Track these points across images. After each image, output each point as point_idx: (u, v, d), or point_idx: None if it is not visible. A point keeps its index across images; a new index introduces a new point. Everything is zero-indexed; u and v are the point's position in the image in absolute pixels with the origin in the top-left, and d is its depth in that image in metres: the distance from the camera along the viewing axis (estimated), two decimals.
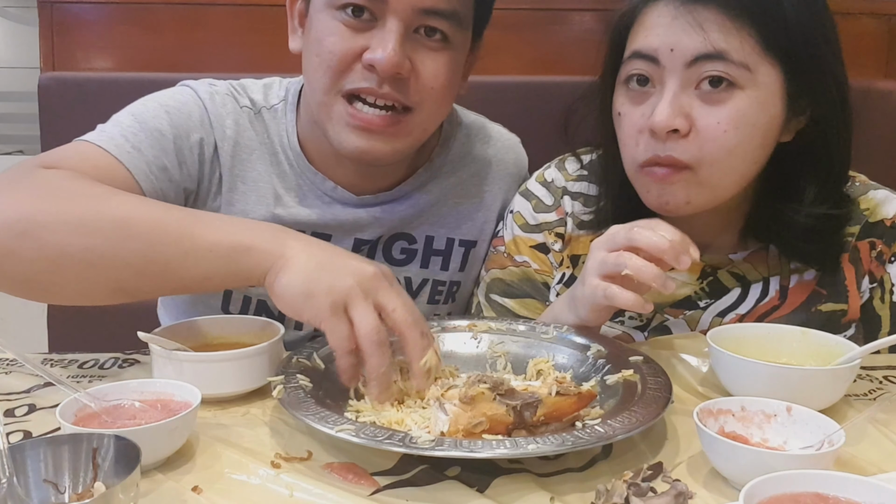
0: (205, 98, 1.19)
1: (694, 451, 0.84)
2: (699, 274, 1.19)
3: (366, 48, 1.06)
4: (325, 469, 0.79)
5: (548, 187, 1.28)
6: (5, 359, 1.06)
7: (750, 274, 1.19)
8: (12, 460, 0.68)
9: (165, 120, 1.14)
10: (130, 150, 1.09)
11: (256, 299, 1.23)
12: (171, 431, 0.79)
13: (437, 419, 0.82)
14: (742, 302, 1.18)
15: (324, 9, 1.08)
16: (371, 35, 1.06)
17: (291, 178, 1.21)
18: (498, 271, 1.29)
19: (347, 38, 1.07)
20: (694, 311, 1.19)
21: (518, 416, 0.82)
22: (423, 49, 1.09)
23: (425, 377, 0.89)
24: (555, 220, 1.26)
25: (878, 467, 0.81)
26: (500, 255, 1.29)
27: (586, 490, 0.76)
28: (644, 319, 1.20)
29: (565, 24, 2.02)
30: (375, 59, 1.05)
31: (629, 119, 1.10)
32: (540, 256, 1.27)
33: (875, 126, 1.13)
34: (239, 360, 0.94)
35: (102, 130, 1.12)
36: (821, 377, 0.93)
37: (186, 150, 1.15)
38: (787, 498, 0.65)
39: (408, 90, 1.09)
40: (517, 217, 1.28)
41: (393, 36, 1.05)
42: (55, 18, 1.99)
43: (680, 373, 1.04)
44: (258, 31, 2.01)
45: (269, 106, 1.23)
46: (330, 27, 1.08)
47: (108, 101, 1.18)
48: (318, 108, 1.12)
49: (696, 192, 1.08)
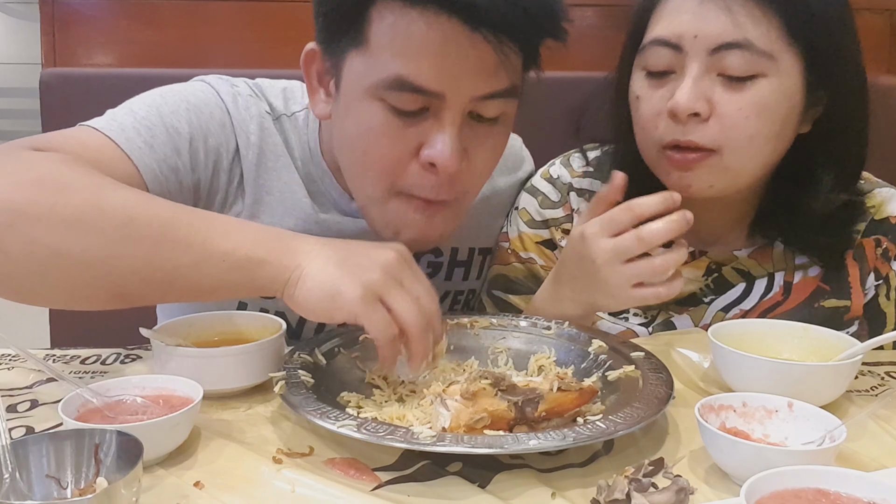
0: (227, 100, 1.10)
1: (695, 446, 0.84)
2: (704, 271, 1.19)
3: (421, 142, 0.96)
4: (326, 464, 0.79)
5: (553, 184, 1.28)
6: (7, 354, 1.06)
7: (755, 270, 1.19)
8: (15, 456, 0.68)
9: (184, 117, 1.06)
10: (142, 145, 1.00)
11: (275, 311, 1.20)
12: (173, 427, 0.79)
13: (438, 415, 0.82)
14: (746, 297, 1.18)
15: (364, 97, 0.96)
16: (426, 128, 0.96)
17: (315, 193, 1.15)
18: (501, 267, 1.28)
19: (400, 135, 0.96)
20: (698, 307, 1.19)
21: (519, 411, 0.82)
22: (477, 134, 0.99)
23: (434, 361, 0.89)
24: (562, 216, 1.26)
25: (879, 463, 0.81)
26: (503, 251, 1.29)
27: (588, 486, 0.76)
28: (648, 316, 1.20)
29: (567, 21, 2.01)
30: (436, 159, 0.95)
31: (648, 102, 1.09)
32: (546, 253, 1.26)
33: (877, 122, 1.12)
34: (241, 356, 0.94)
35: (113, 118, 1.03)
36: (822, 373, 0.93)
37: (201, 154, 1.07)
38: (788, 494, 0.65)
39: (461, 180, 1.01)
40: (523, 213, 1.28)
41: (451, 130, 0.95)
42: (56, 14, 1.99)
43: (681, 368, 1.04)
44: (261, 26, 2.00)
45: (289, 114, 1.14)
46: (379, 122, 0.96)
47: (110, 97, 1.17)
48: (369, 206, 1.05)
49: (719, 177, 1.07)
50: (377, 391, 0.95)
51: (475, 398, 0.81)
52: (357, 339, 1.03)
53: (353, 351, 1.01)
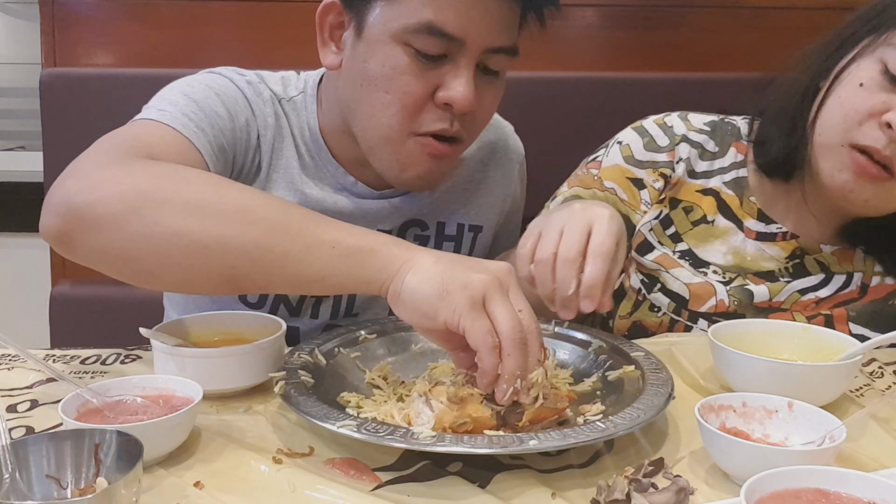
0: (242, 86, 1.17)
1: (695, 446, 0.84)
2: (789, 254, 1.21)
3: (438, 85, 1.05)
4: (326, 465, 0.79)
5: (665, 130, 1.30)
6: (7, 354, 1.06)
7: (834, 266, 1.21)
8: (15, 456, 0.68)
9: (217, 101, 1.11)
10: (196, 129, 1.05)
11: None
12: (173, 427, 0.79)
13: (421, 414, 0.82)
14: (824, 286, 1.20)
15: (389, 41, 1.05)
16: (444, 72, 1.05)
17: (313, 169, 1.20)
18: (581, 189, 1.29)
19: (421, 76, 1.05)
20: (776, 283, 1.21)
21: (502, 419, 0.83)
22: (484, 84, 1.08)
23: (527, 392, 0.82)
24: (664, 160, 1.28)
25: (879, 463, 0.82)
26: (589, 176, 1.30)
27: (588, 486, 0.76)
28: (727, 277, 1.22)
29: (567, 20, 2.01)
30: (454, 99, 1.04)
31: (869, 96, 1.07)
32: (633, 190, 1.28)
33: None
34: (241, 356, 0.94)
35: (161, 110, 1.06)
36: (822, 373, 0.93)
37: (238, 132, 1.13)
38: (788, 494, 0.65)
39: (467, 125, 1.10)
40: (625, 149, 1.29)
41: (467, 73, 1.05)
42: (56, 14, 1.99)
43: (681, 368, 1.04)
44: (260, 26, 2.00)
45: (287, 98, 1.21)
46: (401, 64, 1.05)
47: (110, 97, 1.18)
48: (383, 144, 1.10)
49: (882, 199, 1.09)
50: (377, 391, 0.95)
51: (462, 404, 0.81)
52: (357, 339, 1.03)
53: (353, 351, 1.01)
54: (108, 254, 0.90)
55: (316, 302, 1.22)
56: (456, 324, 0.80)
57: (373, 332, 1.05)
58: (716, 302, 1.20)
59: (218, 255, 0.88)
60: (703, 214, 1.25)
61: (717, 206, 1.25)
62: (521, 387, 0.81)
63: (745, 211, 1.24)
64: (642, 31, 2.01)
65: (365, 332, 1.05)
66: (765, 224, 1.23)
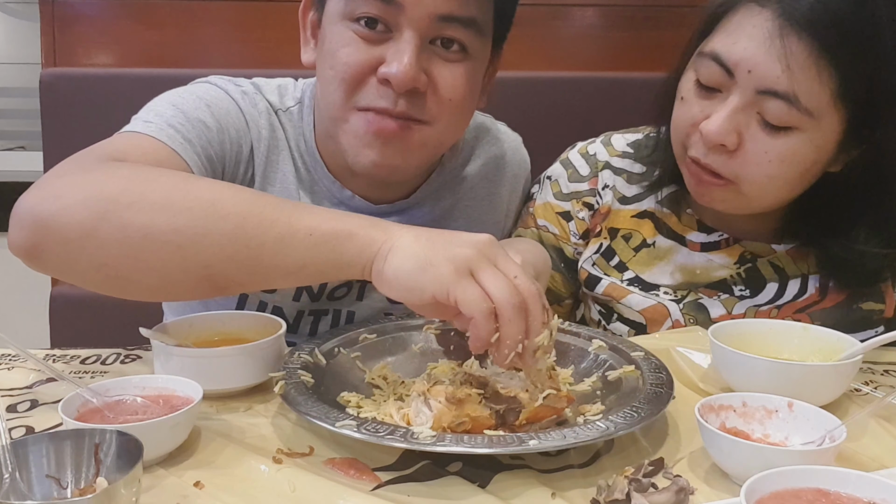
0: (237, 97, 1.15)
1: (695, 446, 0.84)
2: (737, 259, 1.21)
3: (381, 61, 1.02)
4: (326, 464, 0.79)
5: (587, 159, 1.31)
6: (7, 354, 1.06)
7: (789, 268, 1.20)
8: (15, 456, 0.68)
9: (207, 112, 1.09)
10: (182, 141, 1.03)
11: (273, 305, 1.20)
12: (173, 427, 0.79)
13: (419, 413, 0.82)
14: (780, 297, 1.19)
15: (338, 20, 1.05)
16: (387, 47, 1.02)
17: (309, 182, 1.18)
18: (522, 230, 1.34)
19: (362, 49, 1.03)
20: (729, 297, 1.20)
21: (500, 419, 0.83)
22: (440, 61, 1.04)
23: (532, 356, 0.81)
24: (586, 189, 1.29)
25: (879, 463, 0.82)
26: (529, 215, 1.34)
27: (588, 486, 0.76)
28: (678, 295, 1.22)
29: (567, 20, 2.01)
30: (390, 73, 1.01)
31: (689, 108, 1.10)
32: (562, 223, 1.30)
33: None
34: (241, 356, 0.94)
35: (147, 121, 1.04)
36: (822, 373, 0.93)
37: (227, 145, 1.11)
38: (788, 493, 0.65)
39: (424, 104, 1.05)
40: (554, 185, 1.32)
41: (409, 47, 1.01)
42: (56, 14, 1.99)
43: (681, 368, 1.04)
44: (260, 26, 2.00)
45: (284, 108, 1.19)
46: (344, 38, 1.04)
47: (110, 96, 1.17)
48: (333, 123, 1.09)
49: (733, 201, 1.11)
50: (377, 391, 0.95)
51: (461, 403, 0.81)
52: (357, 339, 1.03)
53: (353, 351, 1.01)
54: (79, 262, 0.86)
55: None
56: (445, 295, 0.78)
57: (373, 332, 1.05)
58: (671, 322, 1.20)
59: (192, 254, 0.85)
60: (642, 239, 1.25)
61: (655, 226, 1.25)
62: (523, 350, 0.80)
63: (685, 224, 1.24)
64: (642, 31, 2.01)
65: (365, 332, 1.05)
66: (706, 234, 1.22)
